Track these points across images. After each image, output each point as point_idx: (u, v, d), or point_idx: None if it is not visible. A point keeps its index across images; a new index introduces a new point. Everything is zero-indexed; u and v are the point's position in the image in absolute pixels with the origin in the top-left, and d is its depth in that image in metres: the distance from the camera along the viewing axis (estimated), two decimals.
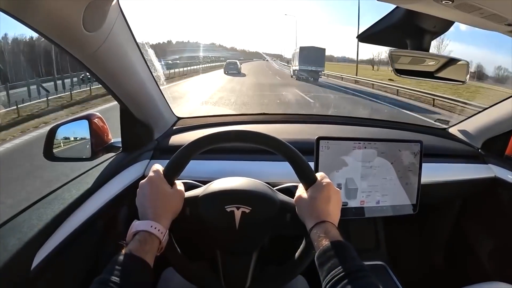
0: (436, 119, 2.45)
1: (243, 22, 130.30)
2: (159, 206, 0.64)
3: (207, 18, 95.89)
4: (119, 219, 0.98)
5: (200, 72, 21.54)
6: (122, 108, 1.00)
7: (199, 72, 21.48)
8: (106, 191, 0.89)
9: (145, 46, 0.97)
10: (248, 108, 8.91)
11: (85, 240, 0.82)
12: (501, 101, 1.21)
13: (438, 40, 0.91)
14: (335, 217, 0.64)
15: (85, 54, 0.74)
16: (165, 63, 17.87)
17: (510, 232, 1.20)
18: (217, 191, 0.70)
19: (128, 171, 0.99)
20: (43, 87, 8.72)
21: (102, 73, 0.83)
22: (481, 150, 1.30)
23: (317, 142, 0.88)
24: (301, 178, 0.68)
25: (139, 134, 1.07)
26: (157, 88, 1.10)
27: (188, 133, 1.20)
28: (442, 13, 0.69)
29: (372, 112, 9.37)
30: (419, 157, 0.97)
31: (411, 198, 0.97)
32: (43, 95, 8.42)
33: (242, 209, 0.68)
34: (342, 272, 0.51)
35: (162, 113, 1.19)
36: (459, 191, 1.28)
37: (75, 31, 0.65)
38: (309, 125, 1.36)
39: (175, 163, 0.68)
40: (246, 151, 1.06)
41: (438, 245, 1.48)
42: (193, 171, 0.79)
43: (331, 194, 0.65)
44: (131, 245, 0.57)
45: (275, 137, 0.69)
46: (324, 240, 0.57)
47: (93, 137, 0.97)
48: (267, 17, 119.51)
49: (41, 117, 6.94)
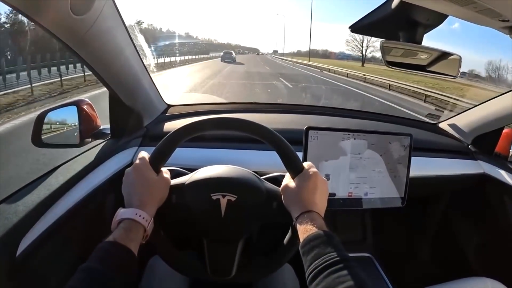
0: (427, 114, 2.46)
1: (240, 21, 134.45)
2: (144, 193, 0.63)
3: (207, 15, 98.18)
4: (106, 206, 0.97)
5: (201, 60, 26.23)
6: (111, 94, 0.98)
7: (199, 60, 25.85)
8: (93, 177, 0.88)
9: (134, 31, 0.95)
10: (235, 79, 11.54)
11: (71, 227, 0.81)
12: (492, 98, 1.21)
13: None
14: (321, 207, 0.64)
15: (73, 38, 0.72)
16: (167, 51, 19.73)
17: (496, 228, 1.22)
18: (203, 178, 0.69)
19: (117, 157, 0.98)
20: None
21: (90, 58, 0.81)
22: (471, 146, 1.31)
23: (306, 132, 0.88)
24: (287, 166, 0.68)
25: (128, 121, 1.06)
26: (147, 74, 1.09)
27: (178, 121, 1.19)
28: (436, 5, 0.69)
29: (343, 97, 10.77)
30: (409, 150, 0.97)
31: (399, 191, 0.98)
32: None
33: (228, 197, 0.67)
34: (326, 262, 0.50)
35: (152, 100, 1.18)
36: (448, 186, 1.29)
37: (63, 15, 0.63)
38: (300, 115, 1.36)
39: (161, 150, 0.67)
40: (234, 139, 1.05)
41: (425, 238, 1.49)
42: (180, 159, 0.79)
43: (318, 183, 0.65)
44: (115, 233, 0.56)
45: (262, 125, 0.69)
46: (309, 229, 0.57)
47: (81, 123, 0.96)
48: (260, 15, 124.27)
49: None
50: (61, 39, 0.70)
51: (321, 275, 0.50)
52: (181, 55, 22.84)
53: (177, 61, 19.58)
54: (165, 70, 15.16)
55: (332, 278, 0.48)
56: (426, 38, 0.84)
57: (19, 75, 7.98)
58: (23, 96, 7.09)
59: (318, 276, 0.50)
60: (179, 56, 22.20)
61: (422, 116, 4.87)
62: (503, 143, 1.28)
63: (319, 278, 0.50)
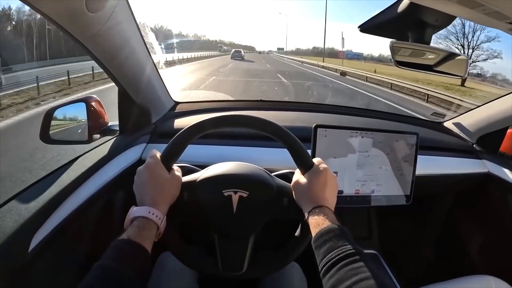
0: (432, 113, 2.46)
1: (244, 23, 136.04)
2: (156, 192, 0.64)
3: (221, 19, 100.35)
4: (116, 202, 0.98)
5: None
6: (121, 90, 0.99)
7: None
8: (103, 174, 0.89)
9: (145, 29, 0.96)
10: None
11: (81, 223, 0.82)
12: (498, 98, 1.22)
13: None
14: (332, 202, 0.65)
15: (86, 35, 0.73)
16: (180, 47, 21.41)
17: (500, 227, 1.22)
18: (215, 175, 0.70)
19: (125, 154, 0.99)
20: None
21: (102, 55, 0.82)
22: (475, 145, 1.32)
23: (315, 129, 0.89)
24: (298, 163, 0.69)
25: (137, 118, 1.06)
26: (156, 71, 1.10)
27: (186, 118, 1.20)
28: (445, 7, 0.69)
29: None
30: (415, 149, 0.98)
31: (405, 189, 0.99)
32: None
33: (239, 194, 0.68)
34: (339, 255, 0.52)
35: (160, 97, 1.19)
36: (453, 185, 1.29)
37: (78, 12, 0.64)
38: (306, 113, 1.36)
39: (173, 148, 0.68)
40: (244, 136, 1.06)
41: (429, 236, 1.50)
42: (191, 156, 0.80)
43: (328, 179, 0.66)
44: (129, 231, 0.57)
45: (274, 123, 0.69)
46: (321, 223, 0.58)
47: (90, 120, 0.96)
48: (264, 16, 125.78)
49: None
50: (74, 35, 0.71)
51: (334, 267, 0.51)
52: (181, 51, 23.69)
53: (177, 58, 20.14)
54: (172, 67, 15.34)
55: (345, 270, 0.49)
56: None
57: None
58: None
59: (331, 269, 0.51)
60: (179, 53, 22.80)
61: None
62: (507, 143, 1.29)
63: (332, 270, 0.51)
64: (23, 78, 8.13)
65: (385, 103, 9.73)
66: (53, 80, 9.06)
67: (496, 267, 1.14)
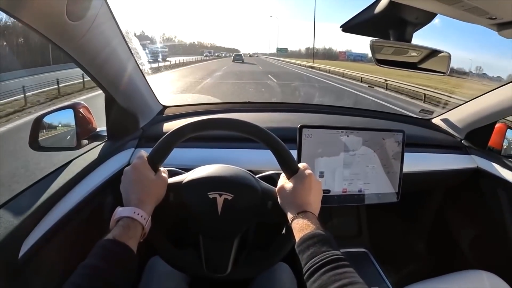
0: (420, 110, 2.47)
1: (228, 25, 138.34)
2: (142, 192, 0.64)
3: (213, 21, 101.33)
4: (105, 207, 0.98)
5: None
6: (107, 96, 0.99)
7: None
8: (91, 179, 0.89)
9: (129, 35, 0.96)
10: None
11: (71, 228, 0.82)
12: (485, 93, 1.23)
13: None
14: (316, 207, 0.66)
15: (69, 43, 0.74)
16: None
17: (491, 221, 1.23)
18: (200, 177, 0.71)
19: (114, 159, 0.99)
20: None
21: (87, 62, 0.83)
22: (464, 141, 1.33)
23: (300, 130, 0.89)
24: (283, 167, 0.70)
25: (125, 123, 1.07)
26: (142, 76, 1.10)
27: (174, 122, 1.20)
28: (424, 5, 0.70)
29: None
30: (402, 147, 0.99)
31: (393, 187, 0.99)
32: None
33: (224, 196, 0.69)
34: (322, 260, 0.52)
35: (148, 102, 1.19)
36: (442, 181, 1.30)
37: (59, 21, 0.65)
38: (294, 113, 1.37)
39: (159, 149, 0.69)
40: (229, 139, 1.07)
41: (420, 233, 1.51)
42: (177, 159, 0.80)
43: (313, 184, 0.67)
44: (114, 231, 0.57)
45: (258, 126, 0.70)
46: (305, 229, 0.59)
47: (78, 126, 0.97)
48: (249, 18, 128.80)
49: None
50: (57, 44, 0.71)
51: (318, 272, 0.51)
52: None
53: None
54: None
55: (328, 275, 0.50)
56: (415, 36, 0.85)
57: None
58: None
59: (314, 274, 0.51)
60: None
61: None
62: (496, 138, 1.30)
63: (315, 275, 0.51)
64: (11, 87, 8.00)
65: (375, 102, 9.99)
66: (40, 90, 8.95)
67: (487, 262, 1.15)
